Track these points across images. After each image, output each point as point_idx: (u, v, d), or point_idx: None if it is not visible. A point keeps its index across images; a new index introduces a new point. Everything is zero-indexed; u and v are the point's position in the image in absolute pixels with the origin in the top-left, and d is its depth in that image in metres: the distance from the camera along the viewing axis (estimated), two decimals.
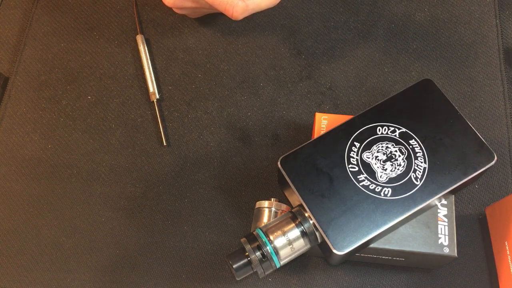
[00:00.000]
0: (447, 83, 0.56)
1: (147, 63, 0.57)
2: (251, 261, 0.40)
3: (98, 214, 0.51)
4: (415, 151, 0.42)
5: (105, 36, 0.60)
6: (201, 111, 0.56)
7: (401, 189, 0.41)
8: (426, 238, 0.42)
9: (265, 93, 0.56)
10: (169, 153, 0.53)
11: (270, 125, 0.55)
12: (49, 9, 0.62)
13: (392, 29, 0.59)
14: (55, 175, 0.53)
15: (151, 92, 0.55)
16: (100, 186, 0.52)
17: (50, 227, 0.50)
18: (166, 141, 0.54)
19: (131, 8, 0.61)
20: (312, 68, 0.57)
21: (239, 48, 0.59)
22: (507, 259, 0.45)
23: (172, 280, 0.48)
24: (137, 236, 0.50)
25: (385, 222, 0.40)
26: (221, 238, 0.50)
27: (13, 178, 0.53)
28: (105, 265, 0.49)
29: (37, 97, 0.57)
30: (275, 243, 0.40)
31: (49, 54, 0.59)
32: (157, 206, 0.51)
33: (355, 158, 0.42)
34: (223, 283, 0.48)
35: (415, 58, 0.57)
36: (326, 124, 0.48)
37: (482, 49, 0.58)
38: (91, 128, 0.55)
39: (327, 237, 0.39)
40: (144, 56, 0.57)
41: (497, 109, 0.54)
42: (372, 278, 0.47)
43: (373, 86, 0.56)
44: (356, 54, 0.58)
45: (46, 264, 0.49)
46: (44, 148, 0.54)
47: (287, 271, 0.48)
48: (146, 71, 0.56)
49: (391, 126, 0.43)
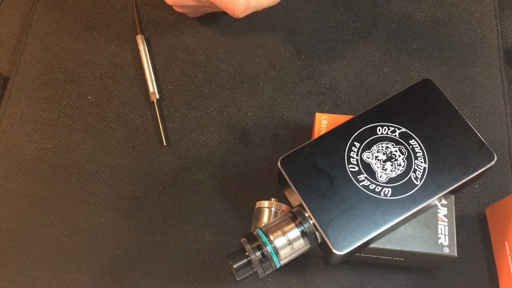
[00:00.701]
0: (447, 83, 0.56)
1: (147, 63, 0.57)
2: (251, 261, 0.40)
3: (98, 214, 0.51)
4: (415, 151, 0.42)
5: (105, 36, 0.60)
6: (201, 111, 0.56)
7: (401, 189, 0.41)
8: (426, 238, 0.42)
9: (265, 93, 0.56)
10: (169, 153, 0.53)
11: (270, 125, 0.55)
12: (49, 9, 0.62)
13: (392, 29, 0.59)
14: (55, 175, 0.53)
15: (151, 92, 0.55)
16: (100, 186, 0.52)
17: (50, 227, 0.50)
18: (166, 141, 0.54)
19: (131, 8, 0.61)
20: (312, 68, 0.57)
21: (239, 48, 0.59)
22: (507, 259, 0.45)
23: (172, 280, 0.48)
24: (137, 236, 0.50)
25: (385, 222, 0.40)
26: (221, 238, 0.50)
27: (13, 178, 0.53)
28: (105, 265, 0.49)
29: (37, 97, 0.57)
30: (275, 243, 0.40)
31: (49, 54, 0.59)
32: (157, 206, 0.51)
33: (355, 158, 0.42)
34: (223, 283, 0.48)
35: (415, 58, 0.57)
36: (326, 124, 0.48)
37: (482, 49, 0.58)
38: (91, 128, 0.55)
39: (327, 237, 0.39)
40: (144, 56, 0.57)
41: (497, 109, 0.54)
42: (372, 278, 0.47)
43: (373, 86, 0.56)
44: (356, 54, 0.58)
45: (46, 264, 0.49)
46: (44, 148, 0.54)
47: (287, 271, 0.48)
48: (146, 71, 0.56)
49: (391, 126, 0.43)
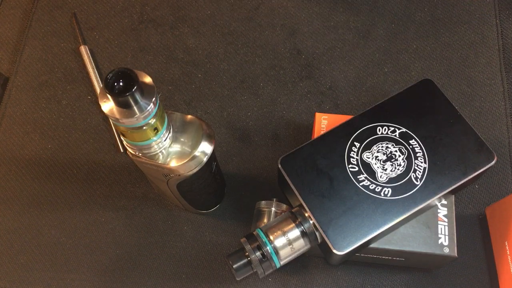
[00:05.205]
0: (447, 83, 0.56)
1: (94, 72, 0.57)
2: (251, 261, 0.40)
3: (98, 214, 0.51)
4: (415, 151, 0.42)
5: (105, 36, 0.60)
6: (201, 111, 0.56)
7: (401, 189, 0.41)
8: (426, 238, 0.42)
9: (265, 93, 0.56)
10: None
11: (270, 125, 0.55)
12: (49, 9, 0.62)
13: (392, 29, 0.59)
14: (55, 175, 0.53)
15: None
16: (100, 186, 0.52)
17: (50, 227, 0.50)
18: None
19: (131, 8, 0.61)
20: (312, 68, 0.57)
21: (239, 48, 0.59)
22: (507, 259, 0.45)
23: (172, 280, 0.48)
24: (137, 236, 0.50)
25: (385, 222, 0.40)
26: (221, 238, 0.50)
27: (13, 178, 0.53)
28: (105, 265, 0.49)
29: (37, 97, 0.57)
30: (275, 243, 0.40)
31: (49, 54, 0.59)
32: (157, 206, 0.51)
33: (355, 158, 0.42)
34: (223, 283, 0.48)
35: (415, 58, 0.57)
36: (326, 124, 0.48)
37: (482, 49, 0.58)
38: (91, 128, 0.55)
39: (327, 237, 0.39)
40: (90, 66, 0.57)
41: (497, 109, 0.54)
42: (372, 278, 0.47)
43: (373, 86, 0.56)
44: (356, 54, 0.58)
45: (46, 264, 0.49)
46: (44, 148, 0.54)
47: (287, 271, 0.48)
48: (94, 80, 0.56)
49: (391, 126, 0.43)
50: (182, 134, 0.39)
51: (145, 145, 0.37)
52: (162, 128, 0.36)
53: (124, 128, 0.35)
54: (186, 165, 0.39)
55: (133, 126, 0.34)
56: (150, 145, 0.37)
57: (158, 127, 0.36)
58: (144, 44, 0.59)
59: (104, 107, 0.33)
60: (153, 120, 0.35)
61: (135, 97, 0.32)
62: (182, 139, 0.39)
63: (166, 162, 0.38)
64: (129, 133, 0.35)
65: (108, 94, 0.32)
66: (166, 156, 0.38)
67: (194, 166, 0.39)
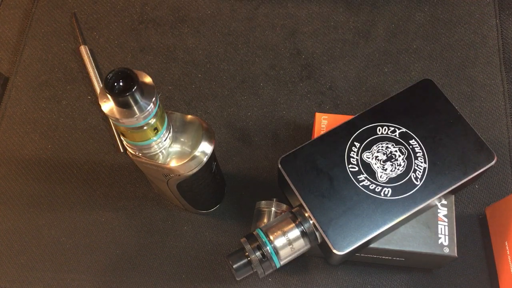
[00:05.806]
0: (447, 83, 0.56)
1: (94, 73, 0.57)
2: (251, 261, 0.40)
3: (98, 214, 0.51)
4: (415, 151, 0.42)
5: (105, 36, 0.60)
6: (201, 111, 0.56)
7: (401, 189, 0.41)
8: (426, 238, 0.42)
9: (265, 93, 0.56)
10: None
11: (270, 125, 0.55)
12: (49, 9, 0.62)
13: (392, 29, 0.59)
14: (55, 175, 0.53)
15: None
16: (100, 186, 0.52)
17: (50, 227, 0.50)
18: None
19: (131, 8, 0.61)
20: (312, 68, 0.57)
21: (239, 48, 0.59)
22: (507, 259, 0.45)
23: (172, 280, 0.48)
24: (137, 236, 0.50)
25: (385, 222, 0.40)
26: (221, 238, 0.50)
27: (13, 178, 0.53)
28: (105, 265, 0.49)
29: (37, 97, 0.57)
30: (275, 243, 0.40)
31: (49, 54, 0.59)
32: (157, 206, 0.51)
33: (355, 158, 0.42)
34: (223, 283, 0.48)
35: (415, 58, 0.57)
36: (326, 124, 0.48)
37: (482, 49, 0.58)
38: (91, 128, 0.55)
39: (327, 237, 0.39)
40: (90, 66, 0.57)
41: (497, 109, 0.54)
42: (372, 278, 0.47)
43: (373, 86, 0.56)
44: (356, 54, 0.58)
45: (46, 264, 0.49)
46: (44, 148, 0.54)
47: (287, 271, 0.48)
48: (94, 81, 0.56)
49: (391, 126, 0.43)
50: (182, 134, 0.39)
51: (145, 145, 0.37)
52: (162, 128, 0.36)
53: (124, 128, 0.35)
54: (186, 165, 0.39)
55: (133, 126, 0.34)
56: (150, 145, 0.37)
57: (158, 127, 0.36)
58: (144, 44, 0.59)
59: (104, 107, 0.33)
60: (153, 120, 0.35)
61: (135, 97, 0.32)
62: (182, 139, 0.39)
63: (166, 162, 0.38)
64: (129, 133, 0.35)
65: (108, 94, 0.32)
66: (166, 156, 0.38)
67: (194, 166, 0.39)
